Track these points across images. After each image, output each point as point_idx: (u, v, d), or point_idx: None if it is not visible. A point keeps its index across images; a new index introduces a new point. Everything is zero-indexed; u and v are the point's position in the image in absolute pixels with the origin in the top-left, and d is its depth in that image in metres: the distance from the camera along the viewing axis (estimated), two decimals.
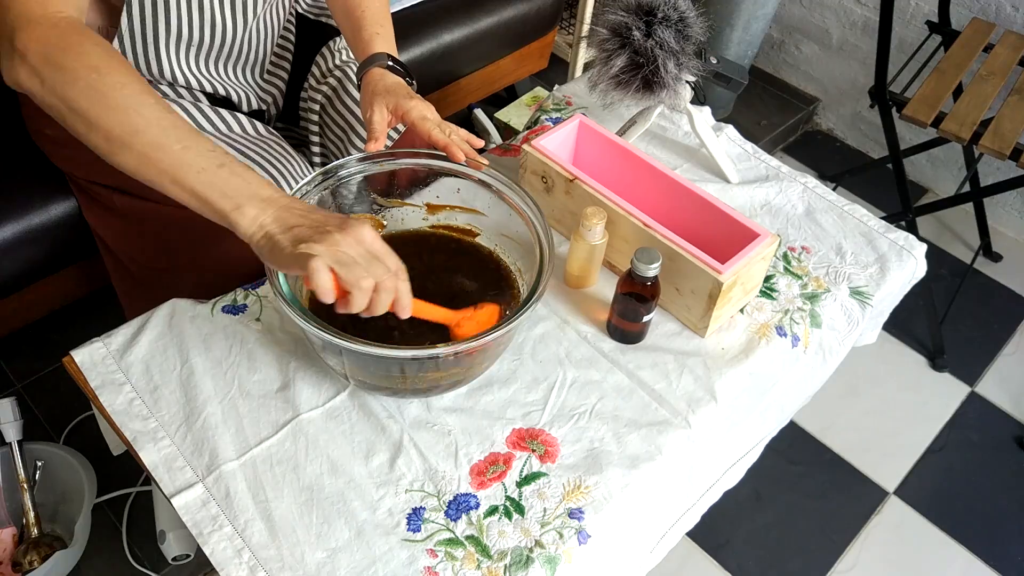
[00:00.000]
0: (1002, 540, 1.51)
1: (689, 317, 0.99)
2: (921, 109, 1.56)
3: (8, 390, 1.54)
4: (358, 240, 0.72)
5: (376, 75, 1.00)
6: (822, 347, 1.04)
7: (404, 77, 1.02)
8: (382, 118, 0.97)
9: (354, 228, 0.72)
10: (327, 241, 0.71)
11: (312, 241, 0.71)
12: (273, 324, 0.95)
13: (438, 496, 0.82)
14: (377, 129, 0.97)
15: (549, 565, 0.79)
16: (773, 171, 1.23)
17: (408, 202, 1.01)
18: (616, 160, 1.07)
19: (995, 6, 1.90)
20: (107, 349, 0.91)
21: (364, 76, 1.02)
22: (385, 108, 0.97)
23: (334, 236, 0.71)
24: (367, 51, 1.03)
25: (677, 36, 1.03)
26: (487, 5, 1.71)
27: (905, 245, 1.13)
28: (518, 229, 0.92)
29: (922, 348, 1.82)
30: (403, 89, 0.99)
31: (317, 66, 1.18)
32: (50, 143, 1.14)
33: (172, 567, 1.32)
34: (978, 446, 1.66)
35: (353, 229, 0.72)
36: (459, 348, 0.76)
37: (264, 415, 0.87)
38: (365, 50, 1.03)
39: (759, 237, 0.95)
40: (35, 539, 1.29)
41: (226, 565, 0.76)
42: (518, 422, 0.89)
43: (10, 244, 1.20)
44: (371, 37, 1.04)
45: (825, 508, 1.53)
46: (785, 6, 2.28)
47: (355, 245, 0.72)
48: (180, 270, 1.08)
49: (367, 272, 0.71)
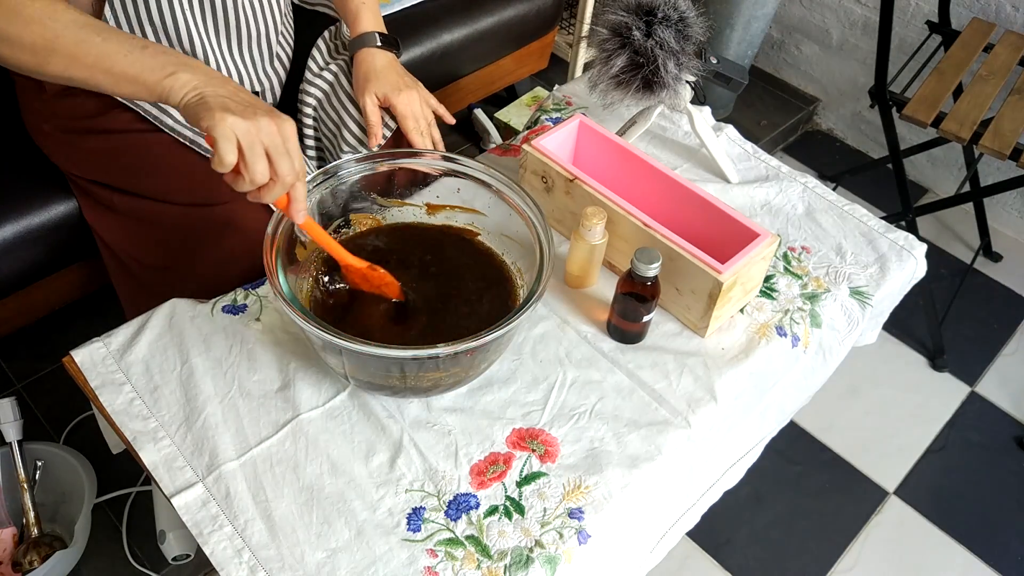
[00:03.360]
0: (1002, 540, 1.51)
1: (689, 317, 0.99)
2: (921, 109, 1.56)
3: (8, 390, 1.54)
4: (279, 130, 0.76)
5: (367, 57, 1.10)
6: (822, 347, 1.04)
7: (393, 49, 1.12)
8: (375, 111, 1.08)
9: (279, 118, 0.76)
10: (248, 116, 0.74)
11: (236, 113, 0.73)
12: (273, 324, 0.95)
13: (438, 496, 0.82)
14: (373, 124, 1.08)
15: (549, 565, 0.79)
16: (773, 171, 1.23)
17: (408, 202, 1.01)
18: (616, 160, 1.07)
19: (995, 6, 1.90)
20: (107, 349, 0.91)
21: (355, 56, 1.11)
22: (376, 97, 1.08)
23: (259, 118, 0.74)
24: (355, 25, 1.12)
25: (677, 36, 1.03)
26: (487, 5, 1.71)
27: (905, 245, 1.13)
28: (518, 229, 0.92)
29: (922, 348, 1.82)
30: (392, 74, 1.09)
31: (314, 59, 1.18)
32: (50, 143, 1.14)
33: (172, 567, 1.32)
34: (978, 446, 1.66)
35: (278, 119, 0.76)
36: (459, 348, 0.76)
37: (264, 415, 0.87)
38: (353, 23, 1.12)
39: (759, 237, 0.95)
40: (35, 539, 1.29)
41: (226, 565, 0.76)
42: (518, 422, 0.89)
43: (10, 244, 1.20)
44: (358, 9, 1.12)
45: (825, 508, 1.53)
46: (785, 6, 2.28)
47: (274, 134, 0.75)
48: (180, 270, 1.08)
49: (271, 161, 0.75)
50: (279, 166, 0.75)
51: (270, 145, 0.75)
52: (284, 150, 0.76)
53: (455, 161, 0.95)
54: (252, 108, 0.75)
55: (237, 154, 0.73)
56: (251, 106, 0.76)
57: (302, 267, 0.91)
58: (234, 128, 0.73)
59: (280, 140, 0.75)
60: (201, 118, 0.74)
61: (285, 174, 0.76)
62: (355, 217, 0.98)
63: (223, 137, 0.72)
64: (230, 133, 0.73)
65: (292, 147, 0.77)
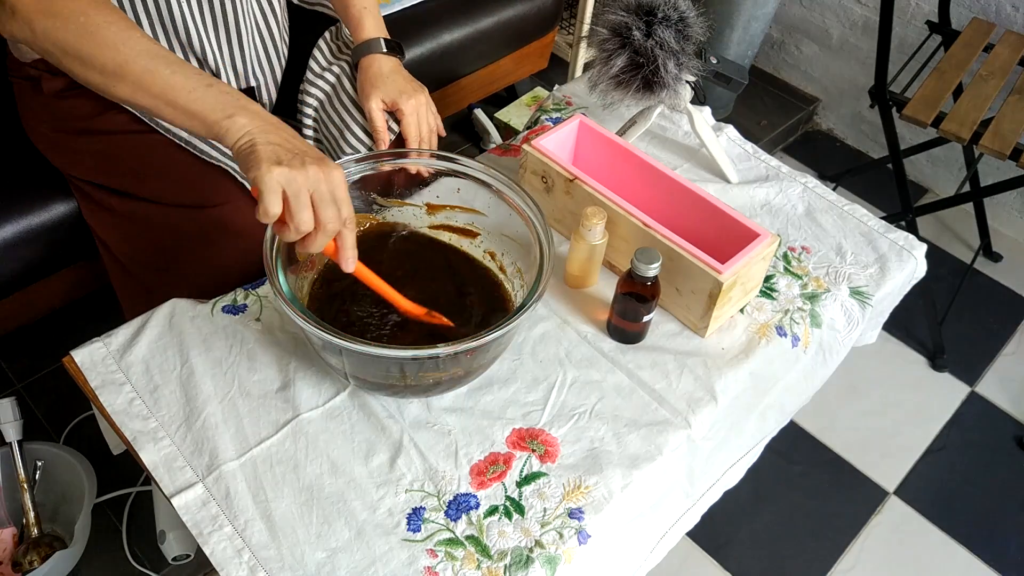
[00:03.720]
0: (1002, 540, 1.51)
1: (689, 317, 0.99)
2: (921, 109, 1.56)
3: (8, 390, 1.54)
4: (327, 178, 0.76)
5: (372, 63, 1.10)
6: (822, 347, 1.04)
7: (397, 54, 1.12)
8: (380, 117, 1.08)
9: (328, 167, 0.76)
10: (296, 166, 0.74)
11: (284, 163, 0.74)
12: (273, 324, 0.95)
13: (438, 496, 0.82)
14: (379, 129, 1.09)
15: (549, 565, 0.79)
16: (773, 171, 1.23)
17: (408, 202, 1.01)
18: (616, 160, 1.07)
19: (995, 6, 1.90)
20: (107, 349, 0.91)
21: (360, 62, 1.11)
22: (382, 102, 1.08)
23: (307, 166, 0.74)
24: (358, 32, 1.12)
25: (677, 36, 1.03)
26: (487, 5, 1.71)
27: (905, 245, 1.13)
28: (518, 229, 0.92)
29: (922, 348, 1.82)
30: (399, 79, 1.09)
31: (315, 59, 1.18)
32: (48, 143, 1.14)
33: (172, 567, 1.32)
34: (978, 446, 1.66)
35: (327, 167, 0.76)
36: (459, 348, 0.76)
37: (264, 415, 0.87)
38: (356, 30, 1.13)
39: (759, 237, 0.95)
40: (35, 539, 1.29)
41: (226, 565, 0.76)
42: (518, 422, 0.89)
43: (10, 244, 1.20)
44: (360, 13, 1.13)
45: (825, 508, 1.53)
46: (785, 6, 2.28)
47: (321, 182, 0.75)
48: (179, 271, 1.08)
49: (316, 210, 0.75)
50: (323, 214, 0.75)
51: (315, 192, 0.74)
52: (330, 199, 0.75)
53: (455, 161, 0.95)
54: (301, 157, 0.75)
55: (282, 205, 0.73)
56: (300, 154, 0.76)
57: (302, 267, 0.91)
58: (279, 178, 0.73)
59: (327, 188, 0.75)
60: (250, 167, 0.74)
61: (328, 222, 0.75)
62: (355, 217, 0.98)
63: (268, 190, 0.72)
64: (275, 185, 0.73)
65: (340, 195, 0.77)
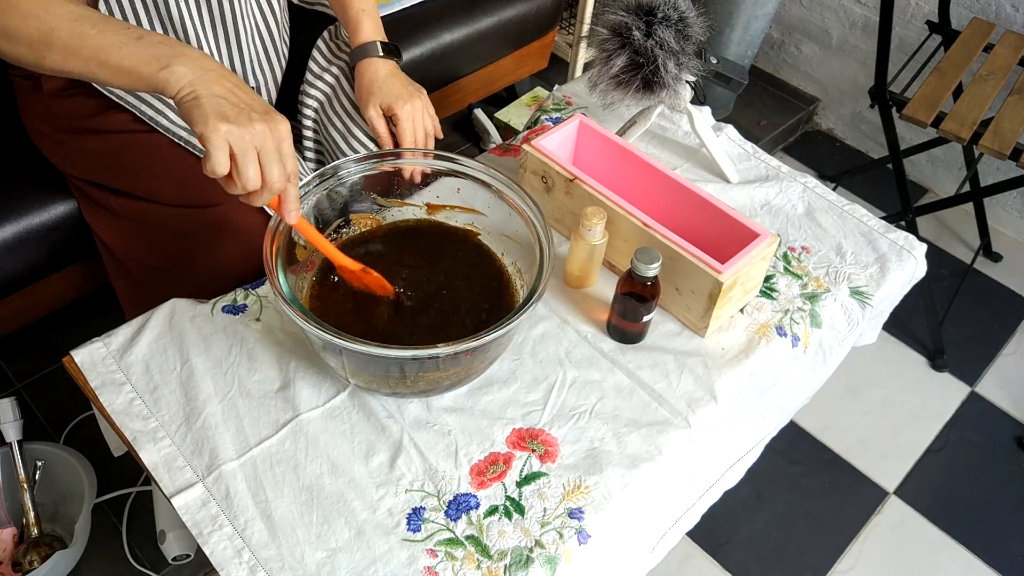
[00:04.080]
0: (1002, 540, 1.51)
1: (689, 317, 0.99)
2: (921, 109, 1.56)
3: (8, 390, 1.54)
4: (273, 134, 0.75)
5: (368, 68, 1.10)
6: (822, 347, 1.04)
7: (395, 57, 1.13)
8: (381, 122, 1.09)
9: (273, 121, 0.76)
10: (243, 123, 0.73)
11: (230, 119, 0.73)
12: (273, 324, 0.95)
13: (438, 496, 0.82)
14: (382, 135, 1.09)
15: (549, 565, 0.79)
16: (773, 171, 1.23)
17: (408, 202, 1.01)
18: (616, 160, 1.07)
19: (995, 6, 1.90)
20: (107, 349, 0.91)
21: (357, 66, 1.11)
22: (380, 107, 1.08)
23: (254, 122, 0.74)
24: (356, 34, 1.12)
25: (677, 36, 1.03)
26: (487, 5, 1.71)
27: (905, 245, 1.13)
28: (518, 229, 0.92)
29: (922, 348, 1.82)
30: (396, 83, 1.09)
31: (314, 59, 1.18)
32: (47, 143, 1.14)
33: (172, 567, 1.32)
34: (978, 446, 1.66)
35: (272, 121, 0.76)
36: (459, 348, 0.76)
37: (264, 415, 0.87)
38: (354, 32, 1.13)
39: (759, 237, 0.95)
40: (35, 539, 1.29)
41: (226, 565, 0.76)
42: (518, 422, 0.89)
43: (10, 244, 1.20)
44: (358, 15, 1.13)
45: (825, 508, 1.53)
46: (785, 6, 2.28)
47: (267, 138, 0.75)
48: (179, 271, 1.08)
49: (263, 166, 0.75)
50: (268, 172, 0.75)
51: (262, 150, 0.75)
52: (276, 156, 0.76)
53: (455, 161, 0.95)
54: (247, 111, 0.75)
55: (230, 161, 0.74)
56: (246, 108, 0.76)
57: (302, 267, 0.91)
58: (227, 136, 0.73)
59: (273, 145, 0.75)
60: (195, 122, 0.74)
61: (274, 180, 0.76)
62: (355, 217, 0.98)
63: (216, 147, 0.72)
64: (222, 143, 0.72)
65: (285, 150, 0.77)
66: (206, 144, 0.73)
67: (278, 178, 0.76)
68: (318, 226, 0.93)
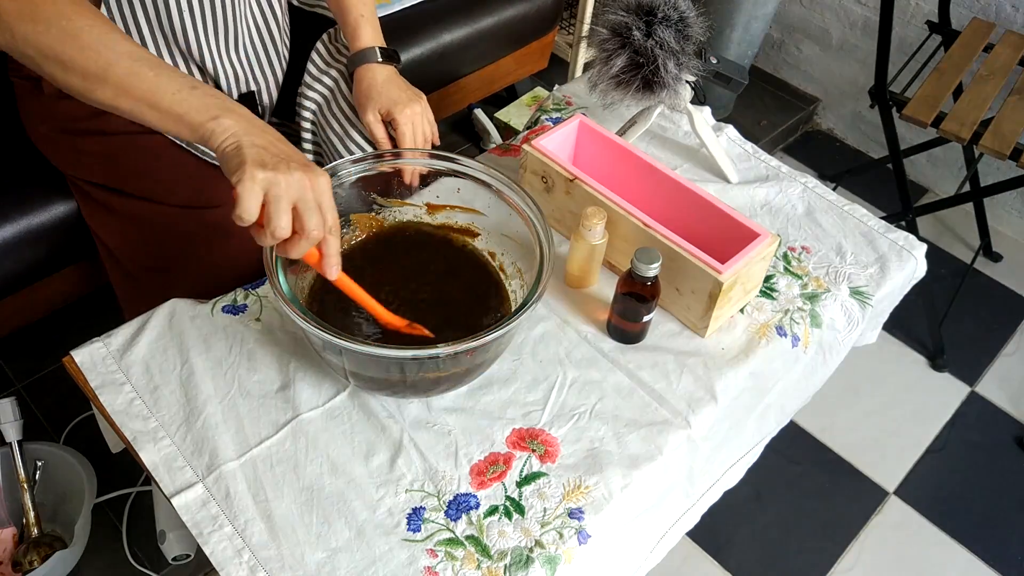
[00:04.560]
0: (1002, 540, 1.51)
1: (689, 317, 0.99)
2: (921, 109, 1.56)
3: (8, 390, 1.54)
4: (313, 184, 0.74)
5: (367, 73, 1.10)
6: (822, 347, 1.04)
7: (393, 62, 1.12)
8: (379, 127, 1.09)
9: (314, 173, 0.75)
10: (281, 170, 0.72)
11: (267, 166, 0.72)
12: (273, 324, 0.95)
13: (438, 496, 0.82)
14: (380, 140, 1.09)
15: (549, 565, 0.79)
16: (773, 171, 1.23)
17: (408, 202, 1.01)
18: (616, 160, 1.07)
19: (995, 6, 1.90)
20: (107, 349, 0.91)
21: (356, 71, 1.11)
22: (378, 112, 1.08)
23: (292, 171, 0.73)
24: (355, 39, 1.12)
25: (677, 36, 1.03)
26: (487, 5, 1.71)
27: (905, 245, 1.13)
28: (518, 229, 0.92)
29: (922, 348, 1.82)
30: (394, 88, 1.09)
31: (313, 62, 1.18)
32: (48, 144, 1.14)
33: (172, 567, 1.32)
34: (978, 446, 1.66)
35: (312, 173, 0.75)
36: (459, 348, 0.76)
37: (264, 415, 0.87)
38: (353, 38, 1.12)
39: (759, 237, 0.95)
40: (35, 539, 1.29)
41: (226, 565, 0.76)
42: (518, 422, 0.89)
43: (10, 244, 1.20)
44: (357, 21, 1.12)
45: (825, 508, 1.53)
46: (785, 6, 2.28)
47: (305, 188, 0.73)
48: (178, 271, 1.08)
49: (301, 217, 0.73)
50: (306, 221, 0.73)
51: (299, 199, 0.73)
52: (315, 205, 0.74)
53: (455, 161, 0.95)
54: (287, 161, 0.74)
55: (259, 209, 0.72)
56: (286, 159, 0.74)
57: (302, 267, 0.91)
58: (263, 184, 0.71)
59: (311, 195, 0.74)
60: (233, 170, 0.73)
61: (311, 229, 0.74)
62: (356, 217, 0.98)
63: (247, 192, 0.71)
64: (256, 189, 0.71)
65: (325, 202, 0.75)
66: (239, 188, 0.71)
67: (315, 227, 0.74)
68: None
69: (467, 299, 0.94)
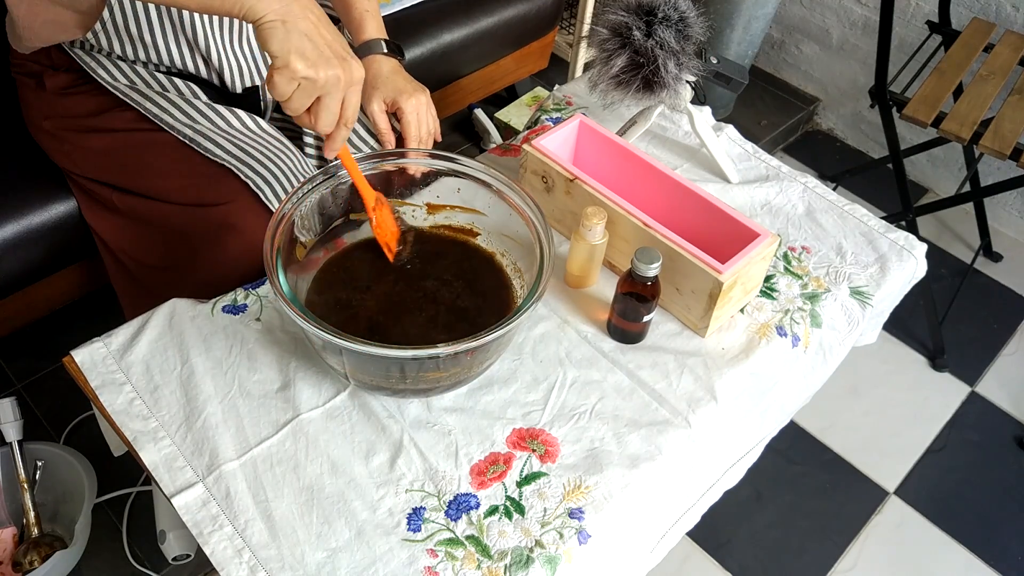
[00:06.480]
0: (1002, 540, 1.51)
1: (689, 317, 0.99)
2: (921, 109, 1.56)
3: (8, 390, 1.54)
4: (346, 81, 0.78)
5: (372, 64, 1.10)
6: (822, 347, 1.04)
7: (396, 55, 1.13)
8: (383, 117, 1.08)
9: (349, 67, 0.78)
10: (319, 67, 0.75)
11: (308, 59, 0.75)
12: (273, 324, 0.95)
13: (438, 496, 0.82)
14: (383, 131, 1.09)
15: (549, 565, 0.79)
16: (773, 171, 1.23)
17: (408, 202, 1.01)
18: (616, 160, 1.07)
19: (995, 6, 1.90)
20: (107, 349, 0.91)
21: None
22: (383, 102, 1.08)
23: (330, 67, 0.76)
24: (359, 33, 1.12)
25: (677, 36, 1.03)
26: (487, 5, 1.71)
27: (905, 245, 1.13)
28: (518, 229, 0.92)
29: (922, 348, 1.82)
30: (399, 79, 1.10)
31: None
32: (50, 141, 1.14)
33: (172, 567, 1.32)
34: (978, 446, 1.66)
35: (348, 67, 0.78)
36: (459, 348, 0.76)
37: (264, 415, 0.87)
38: (357, 32, 1.13)
39: (759, 237, 0.95)
40: (35, 539, 1.29)
41: (226, 565, 0.76)
42: (518, 422, 0.89)
43: (10, 244, 1.20)
44: (361, 16, 1.13)
45: (825, 508, 1.53)
46: (785, 6, 2.28)
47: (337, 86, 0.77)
48: (180, 270, 1.08)
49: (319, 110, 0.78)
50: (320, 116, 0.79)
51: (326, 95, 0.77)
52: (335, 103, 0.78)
53: (455, 161, 0.95)
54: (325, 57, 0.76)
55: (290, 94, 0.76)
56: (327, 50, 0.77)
57: (302, 267, 0.91)
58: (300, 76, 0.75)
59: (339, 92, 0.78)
60: (274, 52, 0.75)
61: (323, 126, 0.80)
62: (356, 217, 0.98)
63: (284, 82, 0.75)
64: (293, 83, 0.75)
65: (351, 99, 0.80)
66: (277, 77, 0.75)
67: (326, 125, 0.80)
68: (320, 225, 0.93)
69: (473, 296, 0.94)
